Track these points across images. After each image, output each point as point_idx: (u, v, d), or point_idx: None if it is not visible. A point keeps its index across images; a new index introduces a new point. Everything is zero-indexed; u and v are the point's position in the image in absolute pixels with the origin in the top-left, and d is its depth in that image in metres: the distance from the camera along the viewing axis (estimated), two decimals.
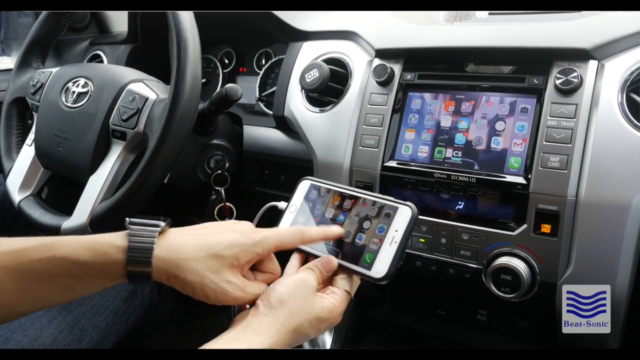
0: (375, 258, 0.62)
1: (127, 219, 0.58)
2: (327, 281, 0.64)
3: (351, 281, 0.63)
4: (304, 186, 0.73)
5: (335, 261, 0.63)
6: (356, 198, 0.68)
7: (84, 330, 0.90)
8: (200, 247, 0.58)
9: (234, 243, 0.59)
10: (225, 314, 1.01)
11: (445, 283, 0.85)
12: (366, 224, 0.65)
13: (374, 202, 0.66)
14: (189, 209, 1.17)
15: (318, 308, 0.59)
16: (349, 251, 0.64)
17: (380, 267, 0.61)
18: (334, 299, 0.60)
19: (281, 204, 0.74)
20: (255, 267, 0.64)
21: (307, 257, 0.67)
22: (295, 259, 0.67)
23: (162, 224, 0.58)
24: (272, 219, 0.73)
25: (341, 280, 0.63)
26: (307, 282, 0.60)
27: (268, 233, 0.62)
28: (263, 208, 0.74)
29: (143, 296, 1.04)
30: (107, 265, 0.56)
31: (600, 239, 0.72)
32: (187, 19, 0.80)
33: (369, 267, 0.62)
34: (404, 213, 0.63)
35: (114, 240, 0.56)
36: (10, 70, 1.11)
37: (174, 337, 1.31)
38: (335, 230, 0.66)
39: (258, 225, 0.73)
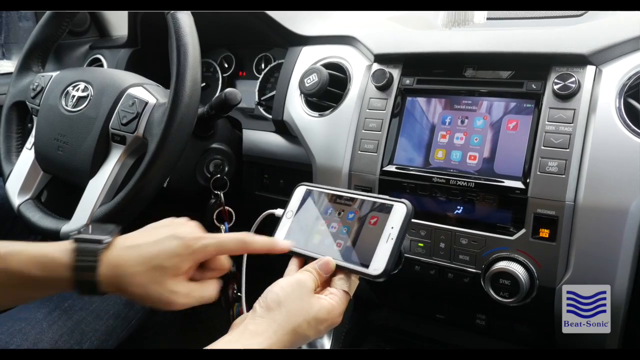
0: (372, 256, 0.62)
1: (72, 234, 0.61)
2: (326, 283, 0.64)
3: (349, 281, 0.63)
4: (299, 192, 0.73)
5: (332, 262, 0.63)
6: (351, 199, 0.68)
7: (84, 335, 0.89)
8: (141, 261, 0.60)
9: (174, 253, 0.60)
10: (227, 319, 1.01)
11: (444, 287, 0.85)
12: (362, 224, 0.66)
13: (369, 202, 0.67)
14: (189, 213, 1.17)
15: (316, 308, 0.59)
16: (347, 251, 0.64)
17: (378, 265, 0.61)
18: (333, 300, 0.60)
19: (278, 211, 0.74)
20: (203, 265, 0.65)
21: (305, 261, 0.67)
22: (293, 263, 0.67)
23: (106, 239, 0.61)
24: (271, 225, 0.73)
25: (339, 281, 0.63)
26: (304, 282, 0.60)
27: (208, 241, 0.63)
28: (260, 217, 0.75)
29: None
30: (56, 281, 0.59)
31: (598, 244, 0.72)
32: (186, 23, 0.80)
33: (367, 266, 0.62)
34: (399, 210, 0.63)
35: (60, 258, 0.59)
36: (10, 74, 1.11)
37: (175, 342, 1.31)
38: (282, 244, 0.67)
39: (256, 233, 0.73)
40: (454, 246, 0.81)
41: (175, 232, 0.62)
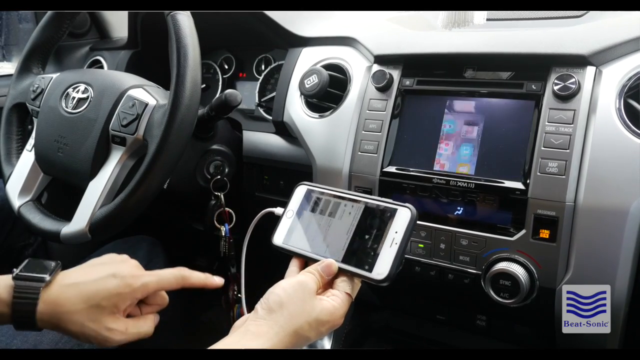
0: (375, 260, 0.62)
1: (14, 270, 0.63)
2: (328, 285, 0.64)
3: (352, 284, 0.63)
4: (300, 191, 0.73)
5: (335, 265, 0.63)
6: (354, 201, 0.68)
7: None
8: (80, 299, 0.62)
9: (113, 292, 0.63)
10: (228, 320, 1.01)
11: (445, 288, 0.85)
12: (365, 227, 0.65)
13: (372, 205, 0.66)
14: (189, 214, 1.17)
15: (318, 310, 0.59)
16: (349, 254, 0.64)
17: (382, 269, 0.61)
18: (335, 302, 0.60)
19: (278, 210, 0.74)
20: (141, 300, 0.68)
21: (306, 262, 0.67)
22: (294, 264, 0.67)
23: (47, 277, 0.63)
24: (269, 224, 0.73)
25: (341, 283, 0.63)
26: (306, 284, 0.60)
27: (148, 279, 0.65)
28: (259, 215, 0.74)
29: None
30: None
31: (598, 244, 0.72)
32: (186, 24, 0.80)
33: (370, 270, 0.62)
34: (404, 214, 0.63)
35: (1, 293, 0.61)
36: (10, 75, 1.11)
37: (175, 343, 1.31)
38: (217, 280, 0.71)
39: (255, 232, 0.73)
40: (454, 247, 0.81)
41: (115, 271, 0.65)
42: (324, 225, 0.68)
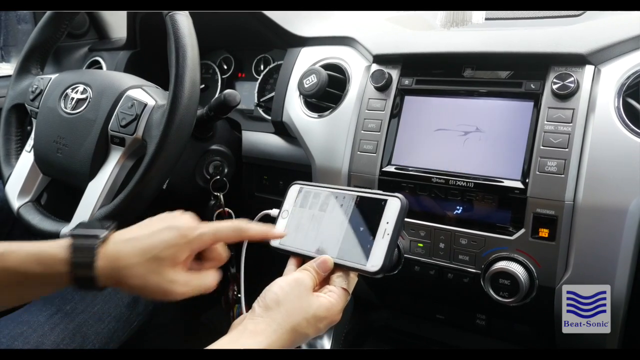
0: (369, 252, 0.62)
1: (66, 230, 0.61)
2: (325, 281, 0.64)
3: (348, 279, 0.63)
4: (293, 191, 0.73)
5: (330, 260, 0.63)
6: (345, 196, 0.68)
7: (86, 338, 0.89)
8: (138, 252, 0.60)
9: (171, 243, 0.61)
10: (228, 321, 1.01)
11: (444, 288, 0.85)
12: (357, 220, 0.65)
13: (363, 198, 0.66)
14: None
15: (315, 306, 0.59)
16: (343, 249, 0.64)
17: (375, 261, 0.61)
18: (332, 297, 0.60)
19: (273, 212, 0.74)
20: (201, 255, 0.66)
21: (303, 260, 0.67)
22: (291, 263, 0.67)
23: (103, 233, 0.61)
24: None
25: (337, 279, 0.63)
26: (302, 281, 0.60)
27: (204, 229, 0.63)
28: (255, 218, 0.75)
29: (146, 302, 1.03)
30: (53, 277, 0.59)
31: (598, 243, 0.72)
32: (185, 24, 0.80)
33: (364, 262, 0.62)
34: (394, 204, 0.63)
35: (57, 254, 0.59)
36: (9, 76, 1.11)
37: (176, 344, 1.31)
38: (277, 231, 0.69)
39: None
40: (454, 246, 0.81)
41: (171, 224, 0.63)
42: (317, 222, 0.68)
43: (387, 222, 0.63)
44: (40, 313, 0.87)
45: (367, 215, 0.65)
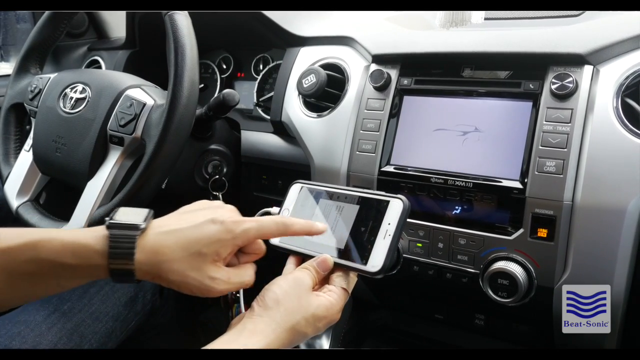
0: (370, 253, 0.62)
1: (106, 220, 0.58)
2: (324, 280, 0.64)
3: (348, 278, 0.63)
4: (295, 190, 0.73)
5: (330, 260, 0.63)
6: (347, 196, 0.68)
7: (83, 337, 0.89)
8: (180, 247, 0.57)
9: (214, 239, 0.58)
10: (227, 320, 1.01)
11: (443, 288, 0.85)
12: (359, 221, 0.65)
13: (365, 198, 0.66)
14: None
15: (314, 306, 0.58)
16: (344, 249, 0.64)
17: (376, 262, 0.61)
18: (331, 297, 0.60)
19: (274, 210, 0.74)
20: (240, 249, 0.63)
21: (303, 259, 0.67)
22: (291, 262, 0.67)
23: (142, 224, 0.57)
24: None
25: (337, 278, 0.63)
26: (302, 280, 0.60)
27: (249, 224, 0.60)
28: (256, 215, 0.75)
29: (144, 301, 1.03)
30: (91, 269, 0.56)
31: (596, 243, 0.72)
32: (184, 24, 0.80)
33: (365, 263, 0.62)
34: (396, 206, 0.63)
35: (94, 245, 0.56)
36: (8, 76, 1.11)
37: (174, 343, 1.31)
38: (320, 226, 0.65)
39: None
40: (453, 246, 0.81)
41: (214, 216, 0.59)
42: (318, 221, 0.68)
43: (389, 223, 0.63)
44: (38, 312, 0.86)
45: (369, 215, 0.65)
